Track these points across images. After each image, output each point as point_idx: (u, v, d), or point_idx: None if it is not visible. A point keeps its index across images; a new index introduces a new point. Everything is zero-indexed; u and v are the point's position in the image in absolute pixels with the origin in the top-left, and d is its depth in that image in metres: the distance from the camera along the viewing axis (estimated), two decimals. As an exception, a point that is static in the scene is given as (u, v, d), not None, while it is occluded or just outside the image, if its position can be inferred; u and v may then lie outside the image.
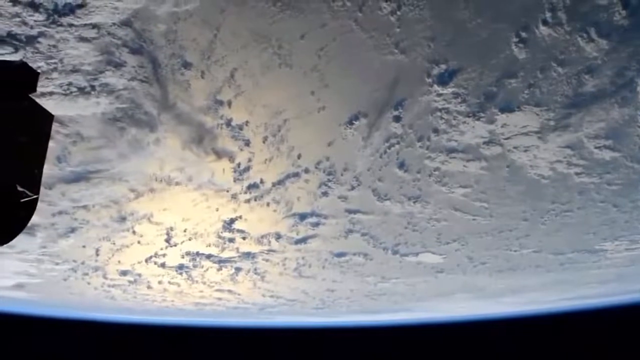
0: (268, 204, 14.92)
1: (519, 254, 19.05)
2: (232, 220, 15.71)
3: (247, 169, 13.40)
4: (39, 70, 9.48)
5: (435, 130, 12.48)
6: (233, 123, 11.98)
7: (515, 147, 12.90)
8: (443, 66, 10.80)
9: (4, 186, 4.48)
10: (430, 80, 11.09)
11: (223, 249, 17.47)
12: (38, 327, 29.40)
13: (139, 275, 19.67)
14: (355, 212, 15.65)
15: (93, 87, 10.39)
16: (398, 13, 9.62)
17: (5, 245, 4.40)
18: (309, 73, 10.84)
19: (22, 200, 4.67)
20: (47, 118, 5.15)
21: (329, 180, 14.11)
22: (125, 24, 9.38)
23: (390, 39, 10.19)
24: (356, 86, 11.36)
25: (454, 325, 31.39)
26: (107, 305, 24.38)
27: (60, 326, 29.80)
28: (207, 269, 19.11)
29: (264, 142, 12.62)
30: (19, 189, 4.60)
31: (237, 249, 17.52)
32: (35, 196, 4.78)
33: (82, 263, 18.46)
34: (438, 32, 10.08)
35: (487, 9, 9.63)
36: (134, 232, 16.02)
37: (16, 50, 9.14)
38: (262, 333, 32.59)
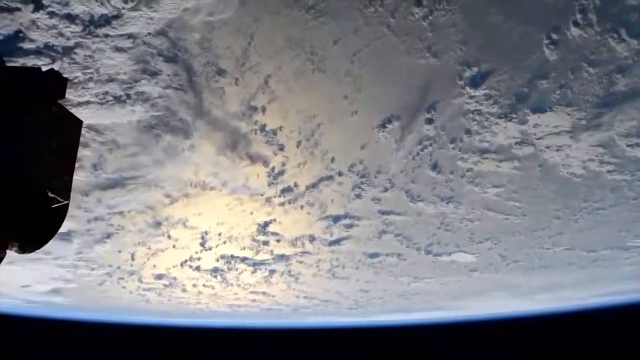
0: (302, 207, 15.03)
1: (551, 252, 19.00)
2: (267, 224, 15.83)
3: (281, 173, 13.51)
4: (75, 80, 9.71)
5: (468, 132, 12.51)
6: (267, 128, 12.08)
7: (547, 147, 12.89)
8: (475, 69, 10.84)
9: (35, 192, 4.59)
10: (462, 82, 11.13)
11: (257, 252, 17.59)
12: (73, 331, 29.76)
13: (174, 278, 19.86)
14: (388, 213, 15.69)
15: (129, 96, 10.52)
16: (430, 18, 9.68)
17: (41, 251, 4.52)
18: (342, 78, 10.92)
19: (53, 206, 4.79)
20: (76, 124, 5.26)
21: (363, 183, 14.18)
22: (161, 33, 9.49)
23: (422, 43, 10.24)
24: (389, 90, 11.42)
25: (489, 323, 31.32)
26: (142, 309, 24.63)
27: (96, 330, 30.15)
28: (242, 272, 19.24)
29: (297, 146, 12.71)
30: (50, 194, 4.71)
31: (272, 251, 17.64)
32: (66, 202, 4.89)
33: (118, 268, 18.71)
34: (470, 36, 10.12)
35: (518, 12, 9.67)
36: (169, 237, 16.19)
37: (53, 61, 9.31)
38: (295, 333, 32.66)
